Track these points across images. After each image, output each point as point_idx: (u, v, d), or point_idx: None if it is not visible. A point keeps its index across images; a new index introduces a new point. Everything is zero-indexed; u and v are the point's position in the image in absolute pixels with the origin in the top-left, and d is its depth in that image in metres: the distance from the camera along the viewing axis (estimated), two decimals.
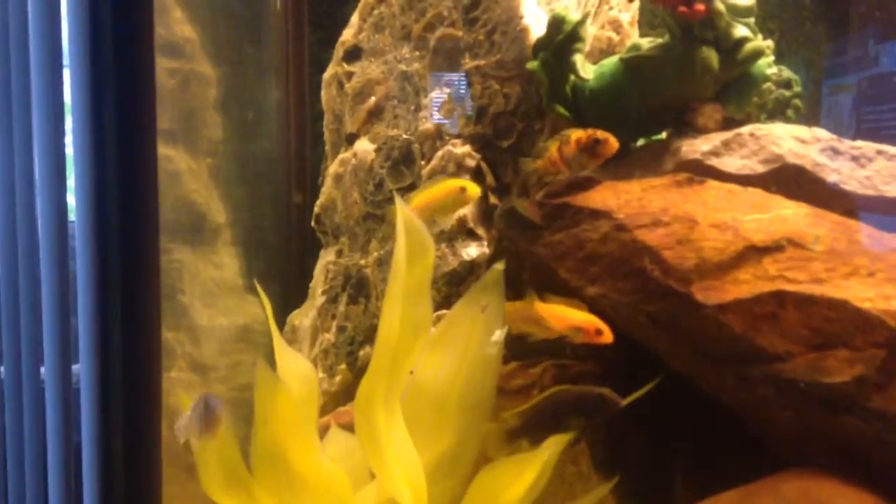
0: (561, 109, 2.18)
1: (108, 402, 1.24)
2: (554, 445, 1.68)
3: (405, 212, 1.61)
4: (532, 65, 2.20)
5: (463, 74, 2.47)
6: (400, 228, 1.59)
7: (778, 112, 2.15)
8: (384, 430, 1.63)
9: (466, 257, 2.36)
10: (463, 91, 2.46)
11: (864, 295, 1.60)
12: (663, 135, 2.19)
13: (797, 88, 2.18)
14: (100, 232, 1.20)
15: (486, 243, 2.39)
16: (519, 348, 2.20)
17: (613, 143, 1.88)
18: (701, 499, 1.72)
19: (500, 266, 1.85)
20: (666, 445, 2.08)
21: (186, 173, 2.60)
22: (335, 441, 2.00)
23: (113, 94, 1.21)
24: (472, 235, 2.39)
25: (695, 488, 1.94)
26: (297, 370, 1.80)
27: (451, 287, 2.32)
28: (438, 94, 2.47)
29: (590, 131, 1.91)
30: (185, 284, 2.36)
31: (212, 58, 2.74)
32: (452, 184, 1.87)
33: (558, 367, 2.17)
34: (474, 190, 1.86)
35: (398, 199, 1.67)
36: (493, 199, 2.46)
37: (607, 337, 1.71)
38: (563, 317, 1.76)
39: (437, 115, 2.45)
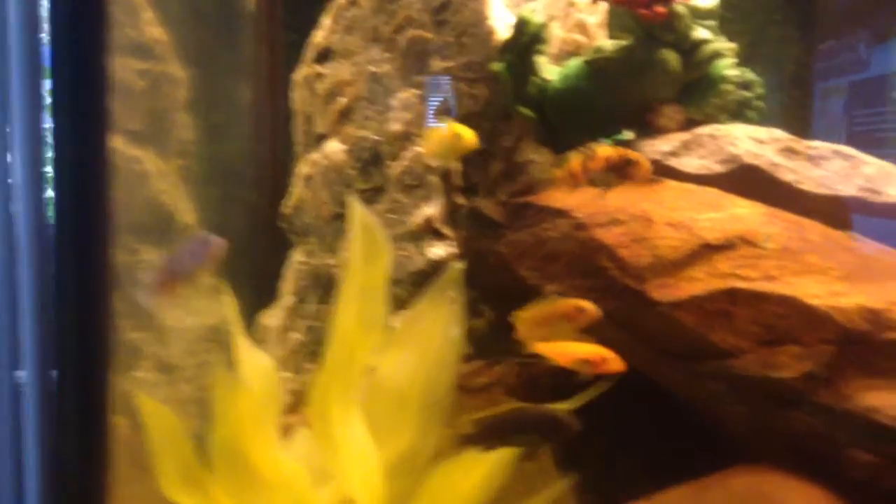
0: (525, 110, 2.20)
1: (57, 404, 1.25)
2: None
3: (361, 211, 1.62)
4: (496, 66, 2.22)
5: (440, 77, 2.48)
6: (355, 228, 1.61)
7: (739, 113, 2.17)
8: (340, 428, 1.64)
9: (433, 257, 2.37)
10: (439, 92, 2.48)
11: (814, 292, 1.62)
12: (628, 135, 2.21)
13: (759, 90, 2.21)
14: (45, 233, 1.21)
15: (452, 243, 2.40)
16: (484, 345, 2.22)
17: (646, 165, 1.80)
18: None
19: (459, 264, 1.86)
20: (627, 441, 2.10)
21: (155, 175, 2.61)
22: (301, 440, 2.01)
23: (60, 92, 1.21)
24: (438, 235, 2.41)
25: (655, 483, 1.95)
26: (258, 368, 1.81)
27: (417, 287, 2.33)
28: (433, 98, 2.48)
29: (621, 151, 1.83)
30: None
31: (183, 59, 2.75)
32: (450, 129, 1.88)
33: (523, 365, 2.19)
34: (469, 136, 1.85)
35: (353, 200, 1.68)
36: (460, 200, 2.48)
37: (616, 364, 1.62)
38: (569, 351, 1.69)
39: (433, 118, 2.45)
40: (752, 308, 1.64)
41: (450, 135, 1.82)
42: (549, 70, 2.18)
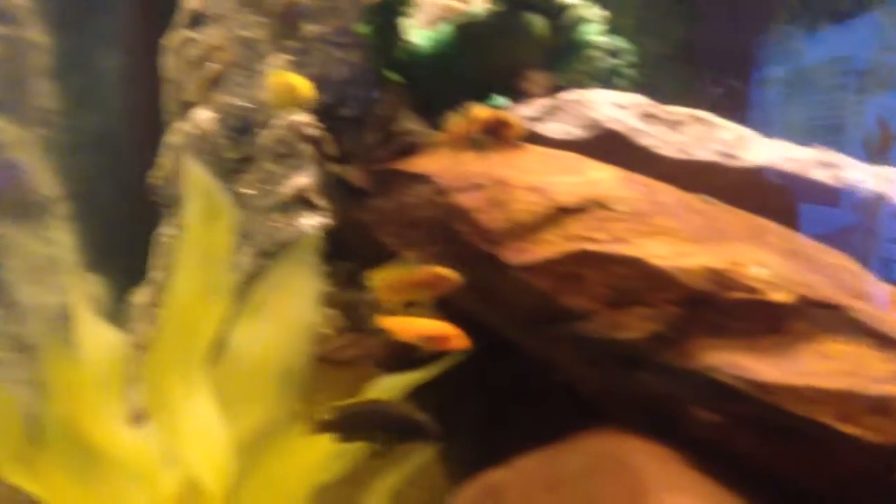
0: (394, 75, 2.15)
1: None
2: None
3: (198, 173, 1.55)
4: (363, 28, 2.16)
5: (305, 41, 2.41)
6: (192, 191, 1.54)
7: (608, 80, 2.17)
8: (182, 403, 1.57)
9: (305, 228, 2.30)
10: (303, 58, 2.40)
11: (661, 253, 1.62)
12: (500, 100, 2.18)
13: (628, 57, 2.21)
14: None
15: (326, 213, 2.34)
16: (358, 317, 2.17)
17: (518, 126, 1.80)
18: None
19: (316, 234, 1.81)
20: (497, 411, 2.09)
21: (14, 144, 2.48)
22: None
23: None
24: (310, 206, 2.34)
25: (526, 447, 1.94)
26: (101, 342, 1.73)
27: None
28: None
29: (496, 112, 1.82)
30: (8, 260, 2.24)
31: (45, 24, 2.61)
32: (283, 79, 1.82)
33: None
34: (304, 87, 1.80)
35: (188, 161, 1.61)
36: (335, 169, 2.42)
37: (460, 341, 1.62)
38: (412, 327, 1.68)
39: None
40: (601, 270, 1.63)
41: (284, 85, 1.76)
42: (418, 34, 2.14)
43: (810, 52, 2.37)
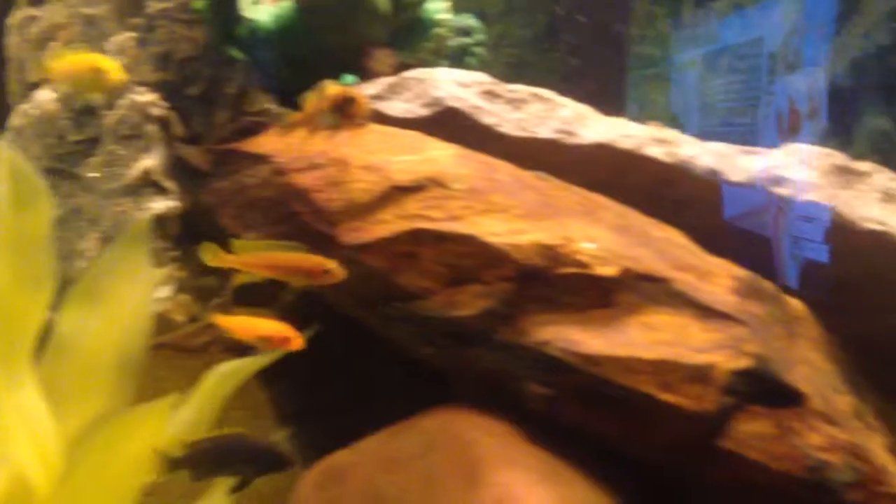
0: (234, 52, 2.09)
1: None
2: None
3: (8, 153, 1.47)
4: (197, 3, 2.09)
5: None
6: (1, 172, 1.45)
7: (459, 59, 2.17)
8: (5, 398, 1.49)
9: (153, 211, 2.22)
10: (148, 35, 2.31)
11: (495, 230, 1.63)
12: (349, 78, 2.15)
13: (479, 36, 2.21)
14: None
15: (174, 196, 2.26)
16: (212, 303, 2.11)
17: (364, 103, 1.77)
18: None
19: (146, 217, 1.74)
20: (351, 394, 2.08)
21: None
22: None
23: None
24: (158, 188, 2.26)
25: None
26: None
27: None
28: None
29: (343, 89, 1.78)
30: None
31: None
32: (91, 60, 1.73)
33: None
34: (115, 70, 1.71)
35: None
36: (185, 151, 2.34)
37: (297, 342, 1.60)
38: (249, 327, 1.64)
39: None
40: (436, 249, 1.63)
41: (90, 68, 1.68)
42: (260, 11, 2.08)
43: (726, 35, 2.44)
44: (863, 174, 1.99)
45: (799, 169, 1.94)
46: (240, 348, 2.17)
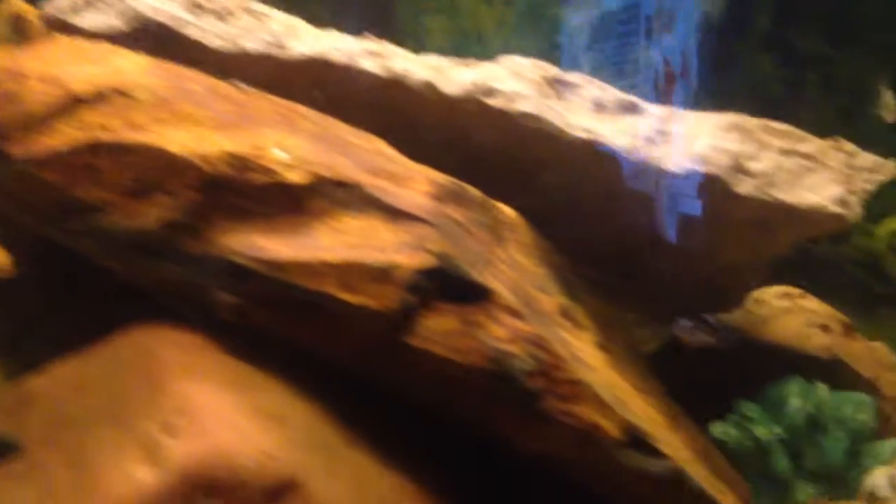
0: None
1: None
2: None
3: None
4: None
5: None
6: None
7: None
8: None
9: None
10: None
11: (181, 140, 1.59)
12: None
13: None
14: None
15: None
16: None
17: (34, 20, 1.74)
18: None
19: None
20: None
21: None
22: None
23: None
24: None
25: None
26: None
27: None
28: None
29: (15, 6, 1.67)
30: None
31: None
32: None
33: None
34: None
35: None
36: None
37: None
38: None
39: None
40: (117, 160, 1.57)
41: None
42: None
43: (608, 1, 2.52)
44: (575, 85, 2.08)
45: (510, 81, 2.00)
46: None
